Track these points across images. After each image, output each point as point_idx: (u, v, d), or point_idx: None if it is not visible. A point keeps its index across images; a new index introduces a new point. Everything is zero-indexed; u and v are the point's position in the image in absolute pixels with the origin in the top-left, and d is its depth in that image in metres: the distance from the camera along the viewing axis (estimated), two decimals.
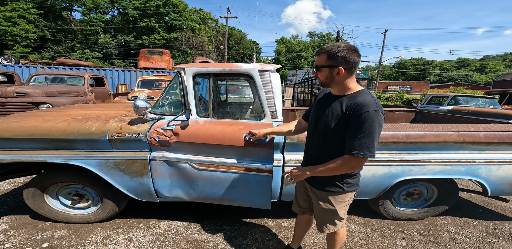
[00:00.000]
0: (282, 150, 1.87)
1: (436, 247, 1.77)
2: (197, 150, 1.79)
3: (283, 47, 44.40)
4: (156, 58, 12.52)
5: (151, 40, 28.46)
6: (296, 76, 20.96)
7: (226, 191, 1.85)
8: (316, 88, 8.47)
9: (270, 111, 1.82)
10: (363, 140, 0.97)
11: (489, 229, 2.07)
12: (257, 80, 1.81)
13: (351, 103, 1.03)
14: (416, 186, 2.08)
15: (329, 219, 1.29)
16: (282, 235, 1.97)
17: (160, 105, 2.03)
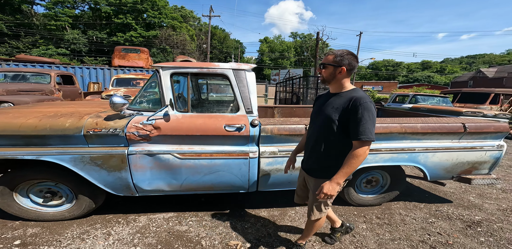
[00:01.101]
0: (257, 142, 1.99)
1: (390, 228, 1.99)
2: (179, 141, 1.88)
3: (267, 47, 44.69)
4: (133, 56, 11.97)
5: (127, 37, 27.04)
6: (279, 76, 21.33)
7: (209, 176, 1.97)
8: (297, 87, 8.72)
9: (246, 107, 1.97)
10: (365, 125, 1.13)
11: (432, 211, 2.34)
12: (232, 79, 1.96)
13: (349, 97, 1.20)
14: (373, 174, 2.33)
15: (318, 205, 1.40)
16: (260, 223, 2.08)
17: (138, 102, 2.07)
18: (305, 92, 8.25)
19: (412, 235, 1.87)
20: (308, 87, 8.32)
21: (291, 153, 1.69)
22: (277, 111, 3.73)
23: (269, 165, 2.02)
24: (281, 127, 2.00)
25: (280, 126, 2.00)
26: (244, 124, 1.92)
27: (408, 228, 1.97)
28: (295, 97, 8.51)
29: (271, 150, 2.00)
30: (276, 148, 2.02)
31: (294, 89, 8.80)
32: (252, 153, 1.96)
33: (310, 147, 1.38)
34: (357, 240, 1.84)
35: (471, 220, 2.12)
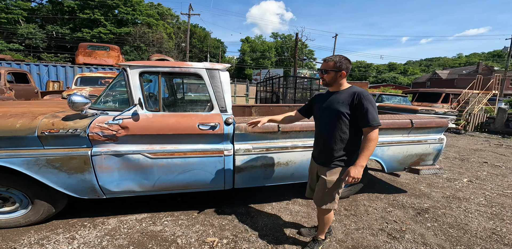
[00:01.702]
0: (232, 140, 1.99)
1: (355, 218, 2.13)
2: (150, 141, 1.81)
3: (248, 47, 44.35)
4: (102, 53, 11.02)
5: (95, 34, 24.85)
6: (260, 76, 21.41)
7: (184, 175, 1.92)
8: (276, 87, 8.81)
9: (220, 106, 1.97)
10: (372, 113, 1.31)
11: (390, 200, 2.51)
12: (206, 78, 1.94)
13: (351, 93, 1.37)
14: None
15: (330, 193, 1.47)
16: (238, 219, 2.09)
17: (103, 102, 1.96)
18: (284, 91, 8.38)
19: (373, 224, 2.01)
20: (287, 87, 8.47)
21: (267, 117, 1.76)
22: (255, 110, 3.75)
23: (244, 162, 2.04)
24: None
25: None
26: (218, 122, 1.90)
27: (370, 218, 2.12)
28: (275, 96, 8.61)
29: (245, 147, 2.02)
30: (250, 146, 2.04)
31: (274, 89, 8.90)
32: (227, 150, 1.96)
33: (323, 141, 1.47)
34: None
35: (421, 208, 2.34)
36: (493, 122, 7.87)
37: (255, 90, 12.68)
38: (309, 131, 2.16)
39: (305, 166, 2.20)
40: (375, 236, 1.83)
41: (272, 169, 2.13)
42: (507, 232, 1.87)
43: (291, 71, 22.65)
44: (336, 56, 1.39)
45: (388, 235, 1.83)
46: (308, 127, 2.14)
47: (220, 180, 2.03)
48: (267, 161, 2.10)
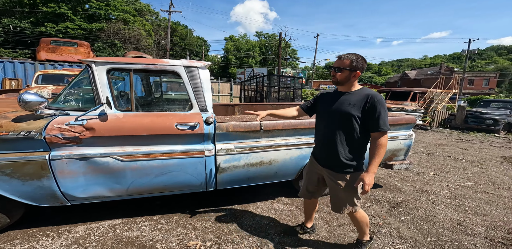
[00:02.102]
0: (213, 140, 1.90)
1: (336, 215, 2.14)
2: (122, 142, 1.66)
3: (232, 46, 43.59)
4: (68, 49, 9.99)
5: (61, 29, 22.51)
6: (244, 75, 21.18)
7: (161, 178, 1.81)
8: (261, 86, 8.73)
9: (199, 105, 1.86)
10: (384, 118, 1.24)
11: (368, 196, 2.54)
12: (184, 76, 1.83)
13: (364, 94, 1.29)
14: None
15: (350, 198, 1.40)
16: (222, 221, 2.01)
17: (63, 101, 1.76)
18: (269, 90, 8.34)
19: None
20: (271, 85, 8.44)
21: (266, 111, 1.63)
22: (238, 109, 3.66)
23: (227, 162, 1.96)
24: (237, 124, 1.94)
25: (236, 122, 1.94)
26: (198, 122, 1.80)
27: None
28: (259, 95, 8.54)
29: (227, 147, 1.94)
30: (232, 145, 1.96)
31: (258, 88, 8.82)
32: (208, 151, 1.87)
33: (330, 143, 1.37)
34: None
35: (395, 202, 2.43)
36: (454, 119, 8.53)
37: (239, 89, 12.52)
38: (291, 130, 2.13)
39: (289, 165, 2.17)
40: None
41: (255, 169, 2.08)
42: (470, 222, 2.00)
43: (275, 70, 22.77)
44: (353, 55, 1.30)
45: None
46: (290, 125, 2.11)
47: (201, 181, 1.94)
48: (250, 160, 2.04)
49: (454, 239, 1.75)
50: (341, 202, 1.42)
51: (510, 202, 2.40)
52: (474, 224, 1.96)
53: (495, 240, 1.72)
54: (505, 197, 2.52)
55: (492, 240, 1.72)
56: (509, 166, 3.78)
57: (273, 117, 1.67)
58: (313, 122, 2.18)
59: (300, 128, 2.14)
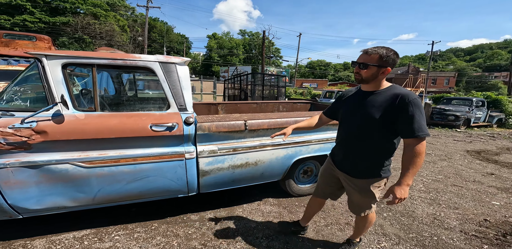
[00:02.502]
0: (194, 141, 1.74)
1: (324, 214, 2.06)
2: (84, 147, 1.44)
3: (215, 43, 42.26)
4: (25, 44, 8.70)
5: (18, 21, 19.98)
6: (228, 73, 20.69)
7: (135, 184, 1.61)
8: (244, 84, 8.51)
9: (178, 104, 1.68)
10: (420, 122, 1.03)
11: None
12: (160, 73, 1.63)
13: (392, 94, 1.08)
14: (308, 164, 2.43)
15: (367, 203, 1.31)
16: (206, 226, 1.87)
17: (6, 100, 1.48)
18: (253, 88, 8.15)
19: (340, 219, 2.02)
20: (255, 84, 8.26)
21: (290, 126, 1.49)
22: (221, 108, 3.46)
23: (210, 164, 1.80)
24: (220, 123, 1.78)
25: (219, 122, 1.78)
26: (177, 122, 1.61)
27: (337, 212, 2.12)
28: (243, 94, 8.32)
29: (210, 148, 1.78)
30: (215, 146, 1.81)
31: (242, 86, 8.59)
32: (189, 153, 1.70)
33: (349, 147, 1.26)
34: None
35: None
36: None
37: (222, 87, 12.15)
38: (277, 129, 2.02)
39: (275, 165, 2.07)
40: (343, 231, 1.82)
41: (240, 170, 1.95)
42: (445, 216, 2.06)
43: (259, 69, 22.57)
44: (382, 48, 1.09)
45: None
46: (276, 124, 2.00)
47: (182, 186, 1.77)
48: (234, 162, 1.90)
49: (433, 234, 1.78)
50: (358, 206, 1.35)
51: (477, 194, 2.55)
52: (448, 217, 2.03)
53: (469, 233, 1.78)
54: (472, 190, 2.67)
55: (467, 233, 1.78)
56: (472, 159, 4.06)
57: (300, 130, 1.54)
58: (298, 121, 2.12)
59: (286, 127, 2.05)
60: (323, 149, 2.21)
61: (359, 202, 1.34)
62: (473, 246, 1.63)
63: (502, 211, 2.13)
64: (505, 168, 3.52)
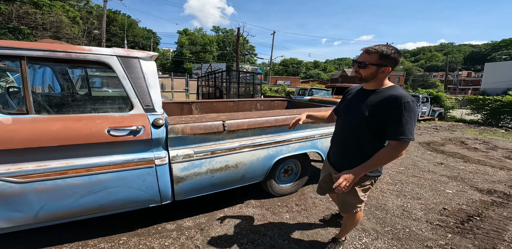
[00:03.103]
0: (165, 145, 1.49)
1: (306, 213, 1.99)
2: (13, 158, 1.12)
3: (187, 39, 39.58)
4: None
5: None
6: (201, 70, 19.63)
7: (92, 197, 1.34)
8: (219, 81, 8.08)
9: (144, 104, 1.42)
10: (406, 126, 1.00)
11: None
12: (118, 69, 1.34)
13: (387, 95, 1.05)
14: (289, 163, 2.34)
15: (350, 201, 1.27)
16: (185, 236, 1.66)
17: None
18: (228, 86, 7.78)
19: (321, 217, 1.96)
20: (230, 81, 7.89)
21: (305, 114, 1.46)
22: (196, 107, 3.15)
23: (185, 170, 1.58)
24: (195, 125, 1.55)
25: (194, 124, 1.55)
26: (142, 125, 1.34)
27: (318, 210, 2.08)
28: (218, 91, 7.90)
29: (185, 152, 1.56)
30: (191, 150, 1.58)
31: (217, 84, 8.14)
32: (160, 159, 1.46)
33: (342, 144, 1.25)
34: (284, 232, 1.75)
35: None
36: None
37: (196, 85, 11.45)
38: (257, 129, 1.87)
39: (256, 167, 1.92)
40: (326, 229, 1.78)
41: (220, 174, 1.76)
42: (411, 207, 2.16)
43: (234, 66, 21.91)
44: (382, 46, 1.04)
45: (336, 227, 1.81)
46: (256, 124, 1.84)
47: (153, 195, 1.52)
48: (213, 165, 1.70)
49: (404, 226, 1.84)
50: (341, 203, 1.34)
51: (433, 183, 2.77)
52: (414, 208, 2.14)
53: (434, 223, 1.89)
54: (429, 179, 2.90)
55: (432, 223, 1.89)
56: (424, 150, 4.48)
57: (311, 119, 1.52)
58: (279, 120, 1.99)
59: (266, 126, 1.91)
60: (303, 147, 2.13)
61: (343, 199, 1.31)
62: (439, 235, 1.72)
63: (456, 199, 2.34)
64: (451, 157, 3.95)
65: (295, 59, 61.56)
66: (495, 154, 4.20)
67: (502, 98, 8.06)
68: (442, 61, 62.28)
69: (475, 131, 6.96)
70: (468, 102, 9.58)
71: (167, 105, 2.84)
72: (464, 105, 10.67)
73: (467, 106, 9.70)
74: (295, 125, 1.40)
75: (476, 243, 1.62)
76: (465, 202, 2.27)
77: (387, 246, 1.59)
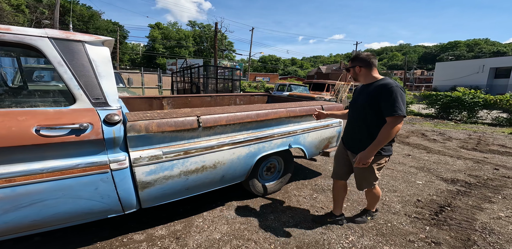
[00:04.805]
0: (124, 146, 1.18)
1: (291, 213, 1.85)
2: None
3: (159, 34, 36.36)
4: None
5: None
6: (176, 66, 18.24)
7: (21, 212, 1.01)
8: (196, 77, 7.48)
9: (91, 97, 1.10)
10: (395, 104, 1.23)
11: (313, 186, 2.36)
12: (51, 54, 1.01)
13: (379, 85, 1.32)
14: (271, 161, 2.15)
15: (367, 178, 1.49)
16: (158, 246, 1.40)
17: None
18: (205, 82, 7.23)
19: (307, 216, 1.83)
20: (208, 77, 7.35)
21: (327, 112, 1.76)
22: (167, 102, 2.75)
23: (153, 173, 1.29)
24: (164, 121, 1.25)
25: (162, 120, 1.25)
26: (90, 123, 1.02)
27: (303, 209, 1.93)
28: (194, 87, 7.32)
29: (151, 153, 1.27)
30: (159, 150, 1.30)
31: (193, 79, 7.53)
32: (117, 162, 1.15)
33: (352, 130, 1.49)
34: (269, 235, 1.57)
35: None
36: None
37: (170, 81, 10.57)
38: (237, 124, 1.63)
39: (237, 166, 1.69)
40: (312, 228, 1.64)
41: (196, 176, 1.50)
42: (390, 201, 2.12)
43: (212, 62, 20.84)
44: (355, 55, 1.43)
45: (322, 226, 1.69)
46: (235, 119, 1.60)
47: (111, 204, 1.22)
48: (187, 167, 1.43)
49: (386, 220, 1.79)
50: (359, 181, 1.54)
51: (405, 175, 2.82)
52: (392, 201, 2.12)
53: (412, 215, 1.87)
54: (400, 171, 2.96)
55: (410, 216, 1.87)
56: None
57: (332, 117, 1.75)
58: (260, 115, 1.77)
59: (247, 122, 1.67)
60: (285, 143, 1.95)
61: (359, 177, 1.52)
62: (418, 228, 1.69)
63: (426, 190, 2.39)
64: (416, 148, 4.17)
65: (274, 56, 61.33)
66: (451, 144, 4.55)
67: (451, 94, 8.87)
68: (401, 61, 67.49)
69: (431, 124, 7.57)
70: (423, 97, 10.40)
71: (132, 101, 2.42)
72: (421, 101, 11.60)
73: (423, 101, 10.53)
74: (319, 116, 1.72)
75: (452, 235, 1.62)
76: (435, 193, 2.33)
77: (373, 243, 1.50)
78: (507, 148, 4.30)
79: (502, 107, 7.91)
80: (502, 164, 3.30)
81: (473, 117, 8.35)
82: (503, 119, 7.69)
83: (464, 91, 8.73)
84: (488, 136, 5.50)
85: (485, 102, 8.16)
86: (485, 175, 2.88)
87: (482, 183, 2.62)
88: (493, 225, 1.77)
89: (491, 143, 4.71)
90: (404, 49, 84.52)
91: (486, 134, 5.71)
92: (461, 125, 7.57)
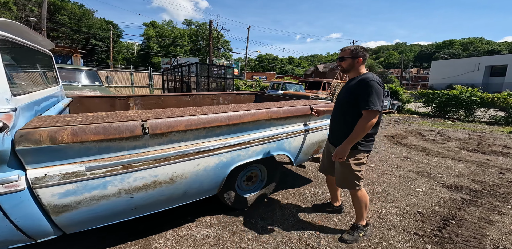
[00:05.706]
0: (19, 162, 0.85)
1: (273, 230, 1.56)
2: None
3: (154, 32, 35.61)
4: None
5: None
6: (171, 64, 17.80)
7: None
8: (186, 75, 7.11)
9: None
10: (369, 98, 1.25)
11: (301, 196, 2.08)
12: None
13: (359, 79, 1.33)
14: (252, 169, 1.83)
15: (347, 174, 1.40)
16: None
17: None
18: (197, 80, 6.85)
19: (291, 234, 1.52)
20: (201, 75, 6.98)
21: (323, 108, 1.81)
22: (135, 102, 2.41)
23: (72, 194, 1.00)
24: (83, 128, 0.92)
25: (82, 126, 0.92)
26: None
27: (287, 225, 1.62)
28: (185, 86, 6.94)
29: (66, 170, 0.96)
30: (79, 166, 1.00)
31: (184, 78, 7.14)
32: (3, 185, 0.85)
33: (335, 124, 1.48)
34: None
35: (326, 199, 2.02)
36: None
37: (161, 79, 10.17)
38: (202, 129, 1.30)
39: (204, 179, 1.37)
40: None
41: (145, 193, 1.18)
42: (386, 213, 1.83)
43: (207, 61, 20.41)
44: (352, 46, 1.38)
45: (307, 245, 1.39)
46: (199, 123, 1.28)
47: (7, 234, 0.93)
48: (130, 183, 1.12)
49: (382, 238, 1.48)
50: (337, 177, 1.47)
51: (403, 181, 2.52)
52: (389, 213, 1.82)
53: (411, 231, 1.57)
54: (398, 177, 2.65)
55: (409, 232, 1.57)
56: (390, 144, 4.37)
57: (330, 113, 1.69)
58: (233, 117, 1.43)
59: (215, 126, 1.35)
60: (267, 150, 1.64)
61: (338, 172, 1.45)
62: (418, 248, 1.39)
63: (427, 199, 2.09)
64: (414, 150, 3.87)
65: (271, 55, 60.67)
66: (451, 145, 4.26)
67: (448, 92, 8.59)
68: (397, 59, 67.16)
69: (428, 123, 7.30)
70: (420, 96, 10.13)
71: (88, 101, 2.08)
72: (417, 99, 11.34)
73: (419, 100, 10.26)
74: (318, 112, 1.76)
75: None
76: (437, 202, 2.03)
77: None
78: (510, 148, 4.02)
79: (499, 105, 7.66)
80: (507, 168, 3.01)
81: (471, 116, 8.10)
82: (500, 118, 7.44)
83: (461, 90, 8.47)
84: (488, 135, 5.23)
85: (482, 101, 7.91)
86: (491, 180, 2.59)
87: (488, 190, 2.32)
88: (506, 242, 1.48)
89: (492, 143, 4.43)
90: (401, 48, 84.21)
91: (486, 133, 5.44)
92: (459, 123, 7.31)
